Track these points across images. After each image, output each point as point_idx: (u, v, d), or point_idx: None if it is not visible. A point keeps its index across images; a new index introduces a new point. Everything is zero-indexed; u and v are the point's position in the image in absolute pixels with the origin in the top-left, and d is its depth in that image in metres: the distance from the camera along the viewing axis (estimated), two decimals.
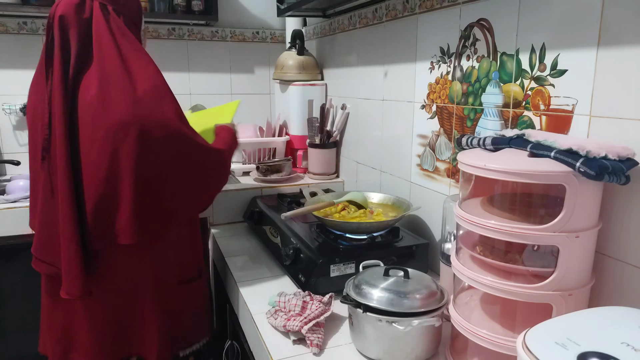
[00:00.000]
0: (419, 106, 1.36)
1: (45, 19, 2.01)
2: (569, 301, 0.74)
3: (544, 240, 0.73)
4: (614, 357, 0.50)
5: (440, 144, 1.28)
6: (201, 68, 2.27)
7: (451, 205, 1.01)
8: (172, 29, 2.19)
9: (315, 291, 1.10)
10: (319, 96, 2.02)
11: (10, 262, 1.70)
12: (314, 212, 1.30)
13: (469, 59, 1.15)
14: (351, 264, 1.16)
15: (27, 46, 2.03)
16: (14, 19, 1.98)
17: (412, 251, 1.23)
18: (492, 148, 0.85)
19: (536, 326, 0.59)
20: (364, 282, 0.93)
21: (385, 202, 1.43)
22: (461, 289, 0.90)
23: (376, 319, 0.87)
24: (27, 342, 1.76)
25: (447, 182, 1.26)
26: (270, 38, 2.36)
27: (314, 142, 1.89)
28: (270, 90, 2.39)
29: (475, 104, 1.13)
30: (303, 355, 0.94)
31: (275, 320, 1.02)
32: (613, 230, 0.82)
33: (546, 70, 0.93)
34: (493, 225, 0.75)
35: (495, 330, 0.80)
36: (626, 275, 0.80)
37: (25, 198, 1.66)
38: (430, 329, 0.89)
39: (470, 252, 0.84)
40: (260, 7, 2.33)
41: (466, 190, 0.87)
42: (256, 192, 1.77)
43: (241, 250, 1.50)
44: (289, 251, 1.26)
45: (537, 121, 0.96)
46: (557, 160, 0.72)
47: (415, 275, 0.95)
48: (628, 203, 0.79)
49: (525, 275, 0.78)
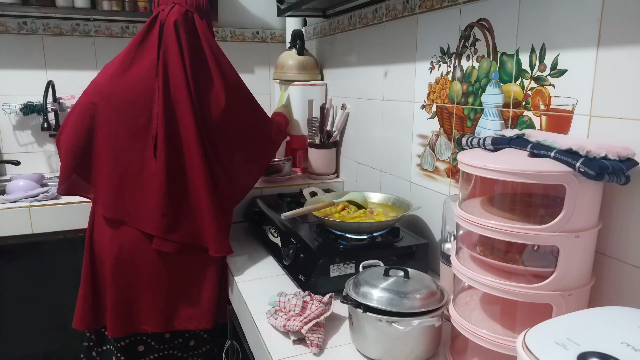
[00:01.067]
0: (419, 106, 1.36)
1: (45, 18, 2.01)
2: (569, 301, 0.74)
3: (544, 240, 0.73)
4: (614, 357, 0.50)
5: (440, 144, 1.28)
6: None
7: (451, 205, 1.01)
8: None
9: (315, 291, 1.10)
10: (319, 96, 2.02)
11: (10, 262, 1.70)
12: (314, 212, 1.30)
13: (469, 59, 1.15)
14: (351, 264, 1.16)
15: (27, 46, 2.03)
16: (14, 19, 1.99)
17: (412, 251, 1.23)
18: (492, 148, 0.85)
19: (536, 326, 0.59)
20: (364, 282, 0.93)
21: (385, 202, 1.43)
22: (461, 289, 0.90)
23: (376, 319, 0.87)
24: (28, 341, 1.76)
25: (447, 182, 1.26)
26: (270, 38, 2.36)
27: (314, 142, 1.89)
28: (270, 90, 2.39)
29: (475, 104, 1.13)
30: (303, 355, 0.94)
31: (275, 320, 1.02)
32: (613, 230, 0.82)
33: (546, 70, 0.93)
34: (493, 225, 0.75)
35: (495, 330, 0.80)
36: (626, 275, 0.80)
37: (25, 198, 1.66)
38: (430, 329, 0.89)
39: (470, 252, 0.84)
40: (260, 7, 2.33)
41: (466, 190, 0.87)
42: (256, 192, 1.77)
43: (241, 250, 1.50)
44: (289, 251, 1.26)
45: (537, 121, 0.96)
46: (557, 160, 0.72)
47: (415, 275, 0.95)
48: (628, 203, 0.79)
49: (525, 275, 0.78)
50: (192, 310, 1.39)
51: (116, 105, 1.29)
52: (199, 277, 1.38)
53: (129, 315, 1.37)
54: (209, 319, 1.40)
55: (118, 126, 1.29)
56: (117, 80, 1.30)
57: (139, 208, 1.30)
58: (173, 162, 1.29)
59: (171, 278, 1.36)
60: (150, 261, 1.33)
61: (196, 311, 1.39)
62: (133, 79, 1.30)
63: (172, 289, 1.37)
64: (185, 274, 1.37)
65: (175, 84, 1.29)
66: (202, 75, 1.32)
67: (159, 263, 1.34)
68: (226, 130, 1.35)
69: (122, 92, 1.30)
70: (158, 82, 1.28)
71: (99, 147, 1.32)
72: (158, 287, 1.36)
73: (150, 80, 1.29)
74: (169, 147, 1.28)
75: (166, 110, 1.28)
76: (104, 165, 1.32)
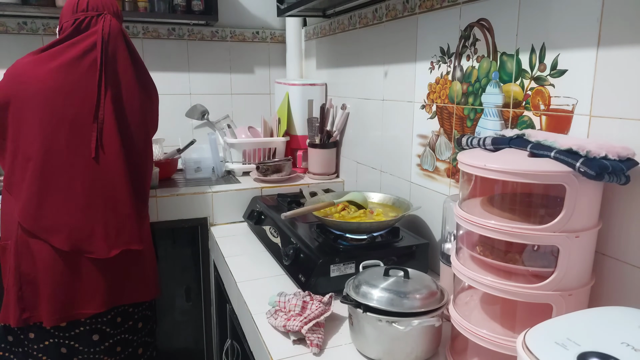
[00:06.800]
0: (419, 106, 1.36)
1: (45, 18, 2.01)
2: (569, 301, 0.74)
3: (544, 240, 0.73)
4: (614, 357, 0.50)
5: (440, 144, 1.28)
6: (201, 68, 2.27)
7: (451, 205, 1.01)
8: (172, 28, 2.19)
9: (315, 291, 1.10)
10: (319, 96, 2.02)
11: None
12: (314, 212, 1.30)
13: (469, 59, 1.15)
14: (351, 264, 1.16)
15: (27, 46, 2.02)
16: (14, 19, 1.98)
17: (412, 251, 1.23)
18: (492, 148, 0.85)
19: (536, 326, 0.59)
20: (364, 282, 0.93)
21: (385, 202, 1.43)
22: (461, 289, 0.90)
23: (376, 319, 0.87)
24: None
25: (447, 182, 1.26)
26: (270, 38, 2.36)
27: (314, 142, 1.89)
28: (270, 90, 2.39)
29: (475, 104, 1.13)
30: (303, 355, 0.94)
31: (275, 320, 1.02)
32: (613, 230, 0.82)
33: (546, 70, 0.93)
34: (493, 225, 0.75)
35: (495, 330, 0.80)
36: (626, 275, 0.80)
37: None
38: (430, 329, 0.89)
39: (470, 252, 0.84)
40: (260, 7, 2.32)
41: (466, 190, 0.87)
42: (256, 192, 1.77)
43: (241, 250, 1.50)
44: (289, 251, 1.26)
45: (537, 121, 0.96)
46: (557, 160, 0.72)
47: (415, 275, 0.95)
48: (628, 203, 0.79)
49: (525, 275, 0.78)
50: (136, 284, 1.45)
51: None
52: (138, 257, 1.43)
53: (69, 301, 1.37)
54: (153, 290, 1.49)
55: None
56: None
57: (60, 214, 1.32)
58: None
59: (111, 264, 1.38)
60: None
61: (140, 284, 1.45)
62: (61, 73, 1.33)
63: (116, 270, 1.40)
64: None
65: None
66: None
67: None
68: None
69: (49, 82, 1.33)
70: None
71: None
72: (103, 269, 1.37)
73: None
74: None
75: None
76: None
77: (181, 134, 2.21)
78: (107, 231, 1.33)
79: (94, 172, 1.32)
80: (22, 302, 1.34)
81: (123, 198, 1.35)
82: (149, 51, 2.17)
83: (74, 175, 1.30)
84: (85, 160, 1.31)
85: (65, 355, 1.41)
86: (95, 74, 1.32)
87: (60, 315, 1.35)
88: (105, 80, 1.33)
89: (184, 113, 2.26)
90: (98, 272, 1.36)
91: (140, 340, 1.54)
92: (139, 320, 1.52)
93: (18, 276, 1.33)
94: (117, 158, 1.33)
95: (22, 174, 1.30)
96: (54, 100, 1.28)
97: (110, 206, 1.34)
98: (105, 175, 1.33)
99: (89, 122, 1.31)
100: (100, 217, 1.33)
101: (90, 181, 1.32)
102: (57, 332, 1.39)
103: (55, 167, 1.29)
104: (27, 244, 1.32)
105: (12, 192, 1.33)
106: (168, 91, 2.19)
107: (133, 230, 1.37)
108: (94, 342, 1.43)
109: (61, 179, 1.30)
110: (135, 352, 1.52)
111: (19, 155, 1.31)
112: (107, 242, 1.33)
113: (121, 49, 1.37)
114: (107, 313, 1.43)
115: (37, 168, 1.28)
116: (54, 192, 1.30)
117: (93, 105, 1.31)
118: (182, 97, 2.26)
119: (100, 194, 1.33)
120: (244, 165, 1.99)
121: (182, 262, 1.83)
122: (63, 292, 1.34)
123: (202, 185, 1.80)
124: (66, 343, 1.41)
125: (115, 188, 1.34)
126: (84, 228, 1.31)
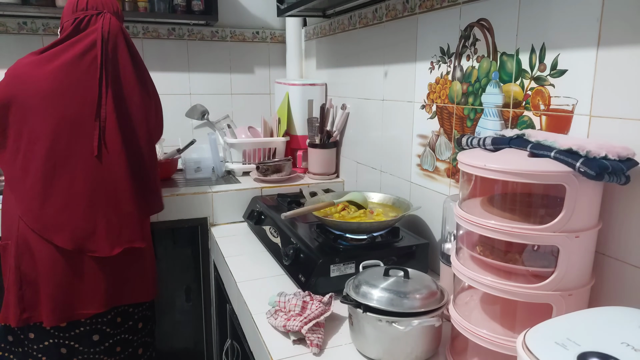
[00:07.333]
0: (419, 106, 1.36)
1: (45, 18, 2.01)
2: (569, 301, 0.74)
3: (544, 240, 0.73)
4: (614, 357, 0.50)
5: (440, 144, 1.28)
6: (201, 68, 2.27)
7: (451, 205, 1.01)
8: (172, 29, 2.19)
9: (315, 291, 1.10)
10: (319, 96, 2.02)
11: None
12: (314, 212, 1.30)
13: (469, 59, 1.15)
14: (351, 264, 1.16)
15: (27, 46, 2.02)
16: (14, 19, 1.98)
17: (412, 251, 1.23)
18: (492, 148, 0.85)
19: (536, 326, 0.59)
20: (364, 282, 0.93)
21: (385, 202, 1.43)
22: (461, 289, 0.90)
23: (376, 319, 0.87)
24: None
25: (447, 182, 1.26)
26: (270, 38, 2.36)
27: (314, 142, 1.89)
28: (270, 90, 2.39)
29: (475, 104, 1.13)
30: (303, 355, 0.94)
31: (275, 320, 1.02)
32: (613, 230, 0.82)
33: (546, 70, 0.93)
34: (493, 225, 0.75)
35: (495, 330, 0.80)
36: (626, 275, 0.80)
37: None
38: (430, 329, 0.89)
39: (470, 252, 0.84)
40: (260, 7, 2.32)
41: (466, 190, 0.87)
42: (256, 192, 1.77)
43: (241, 250, 1.50)
44: (289, 251, 1.26)
45: (537, 121, 0.96)
46: (557, 160, 0.72)
47: (415, 275, 0.95)
48: (628, 203, 0.79)
49: (525, 275, 0.78)
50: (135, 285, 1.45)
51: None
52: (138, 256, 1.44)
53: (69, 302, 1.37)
54: (153, 290, 1.50)
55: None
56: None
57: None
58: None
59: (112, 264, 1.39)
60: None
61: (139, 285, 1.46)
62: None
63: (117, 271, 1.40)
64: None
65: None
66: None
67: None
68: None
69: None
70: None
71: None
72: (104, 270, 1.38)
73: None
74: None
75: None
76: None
77: (181, 134, 2.20)
78: (110, 229, 1.33)
79: (96, 170, 1.31)
80: (22, 302, 1.34)
81: (125, 196, 1.35)
82: (149, 51, 2.17)
83: (76, 174, 1.30)
84: (88, 159, 1.31)
85: (65, 355, 1.41)
86: (96, 72, 1.31)
87: (60, 316, 1.35)
88: (105, 78, 1.33)
89: (184, 113, 2.27)
90: (99, 272, 1.36)
91: (140, 341, 1.54)
92: (139, 321, 1.52)
93: (18, 276, 1.33)
94: (119, 156, 1.33)
95: (24, 173, 1.30)
96: (55, 100, 1.28)
97: (112, 204, 1.34)
98: (108, 173, 1.33)
99: (90, 121, 1.31)
100: (103, 215, 1.33)
101: (93, 179, 1.31)
102: (57, 332, 1.39)
103: (58, 166, 1.29)
104: (28, 243, 1.32)
105: (14, 191, 1.34)
106: (168, 91, 2.19)
107: (135, 228, 1.37)
108: (94, 342, 1.43)
109: (63, 178, 1.30)
110: (135, 352, 1.52)
111: (21, 155, 1.31)
112: (110, 240, 1.33)
113: (121, 47, 1.37)
114: (107, 313, 1.43)
115: (39, 168, 1.28)
116: (56, 191, 1.30)
117: (94, 104, 1.31)
118: (182, 97, 2.26)
119: (103, 192, 1.33)
120: (244, 165, 1.99)
121: (182, 262, 1.83)
122: (63, 292, 1.34)
123: (202, 185, 1.81)
124: (66, 343, 1.41)
125: (118, 186, 1.34)
126: (86, 226, 1.32)
